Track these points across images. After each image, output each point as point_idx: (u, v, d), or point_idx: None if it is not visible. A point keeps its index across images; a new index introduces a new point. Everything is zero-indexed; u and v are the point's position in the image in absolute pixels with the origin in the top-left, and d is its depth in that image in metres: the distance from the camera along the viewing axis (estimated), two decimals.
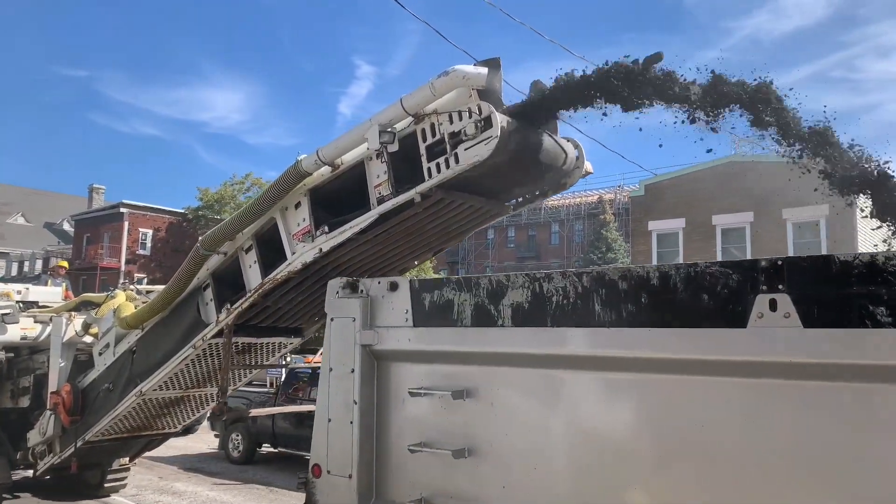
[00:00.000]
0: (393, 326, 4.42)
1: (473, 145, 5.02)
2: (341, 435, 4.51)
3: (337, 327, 4.63)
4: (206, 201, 48.36)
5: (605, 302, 3.57)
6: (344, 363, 4.55)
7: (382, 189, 5.60)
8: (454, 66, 5.05)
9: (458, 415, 4.12)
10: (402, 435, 4.36)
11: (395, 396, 4.43)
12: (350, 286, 4.68)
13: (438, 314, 4.22)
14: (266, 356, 8.33)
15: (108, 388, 8.60)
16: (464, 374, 4.13)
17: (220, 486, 13.17)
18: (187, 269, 7.30)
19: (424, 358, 4.30)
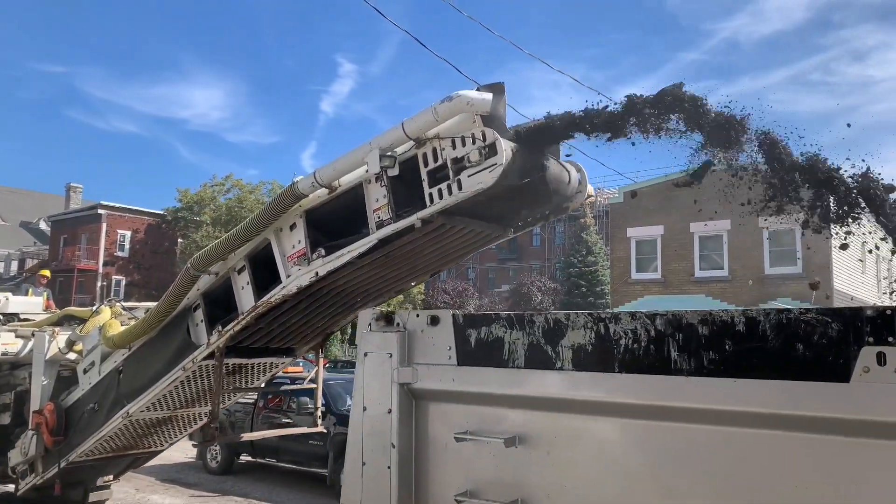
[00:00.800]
0: (434, 364, 4.06)
1: (477, 172, 4.83)
2: (378, 480, 4.13)
3: (372, 363, 4.25)
4: (186, 203, 47.62)
5: (682, 348, 3.24)
6: (380, 402, 4.17)
7: (382, 213, 5.40)
8: (458, 92, 4.84)
9: (509, 463, 3.77)
10: (446, 483, 3.99)
11: (437, 440, 4.06)
12: (384, 318, 4.30)
13: (486, 353, 3.86)
14: (257, 377, 8.06)
15: (94, 409, 8.24)
16: (516, 419, 3.77)
17: (197, 497, 12.94)
18: (177, 289, 7.01)
19: (470, 399, 3.94)
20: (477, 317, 3.95)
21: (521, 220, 6.06)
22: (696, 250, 33.14)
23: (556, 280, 45.18)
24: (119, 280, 48.73)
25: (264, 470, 14.91)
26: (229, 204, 47.10)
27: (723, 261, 32.41)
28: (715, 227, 31.82)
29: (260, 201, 47.64)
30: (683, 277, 33.21)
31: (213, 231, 45.91)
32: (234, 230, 6.57)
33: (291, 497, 13.26)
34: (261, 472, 14.94)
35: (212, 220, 46.41)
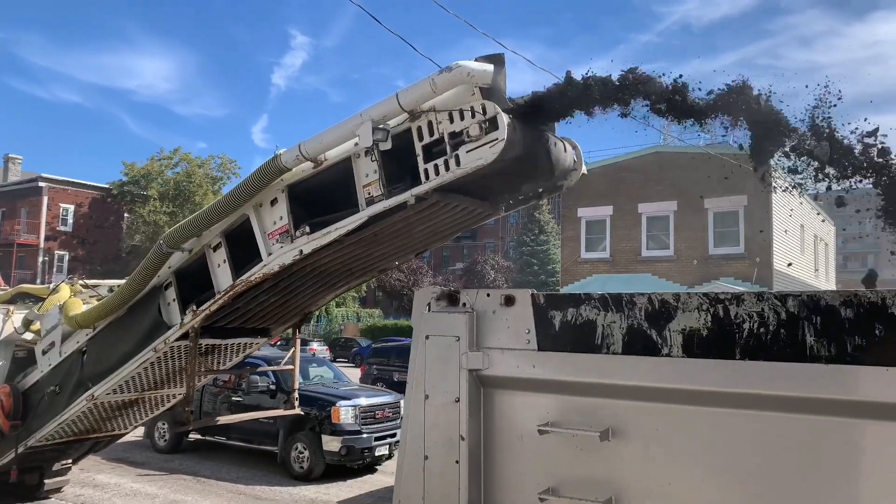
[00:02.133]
0: (509, 349, 3.59)
1: (476, 147, 4.45)
2: (444, 476, 3.66)
3: (435, 347, 3.75)
4: (132, 176, 45.63)
5: (820, 332, 2.85)
6: (446, 390, 3.69)
7: (372, 189, 4.99)
8: (458, 62, 4.46)
9: (600, 458, 3.34)
10: (522, 479, 3.55)
11: (511, 432, 3.61)
12: (447, 298, 3.81)
13: (574, 337, 3.41)
14: (230, 357, 7.58)
15: (55, 391, 7.62)
16: (609, 410, 3.34)
17: (144, 476, 12.33)
18: (147, 267, 6.48)
19: (553, 388, 3.49)
20: (562, 297, 3.49)
21: (514, 198, 5.69)
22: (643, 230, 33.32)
23: (510, 258, 45.10)
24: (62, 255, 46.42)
25: (214, 448, 14.33)
26: (177, 178, 45.26)
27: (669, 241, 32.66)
28: (662, 208, 32.06)
29: (209, 175, 46.03)
30: (631, 257, 33.39)
31: (161, 206, 44.13)
32: (211, 205, 6.06)
33: (242, 474, 12.74)
34: (210, 450, 14.33)
35: (159, 194, 44.55)
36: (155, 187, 44.87)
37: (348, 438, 12.49)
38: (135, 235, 45.43)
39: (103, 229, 47.84)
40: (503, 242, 44.97)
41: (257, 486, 11.91)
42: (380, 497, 11.50)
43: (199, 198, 44.88)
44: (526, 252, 42.67)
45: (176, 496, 11.15)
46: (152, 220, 44.08)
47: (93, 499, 10.71)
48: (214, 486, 11.86)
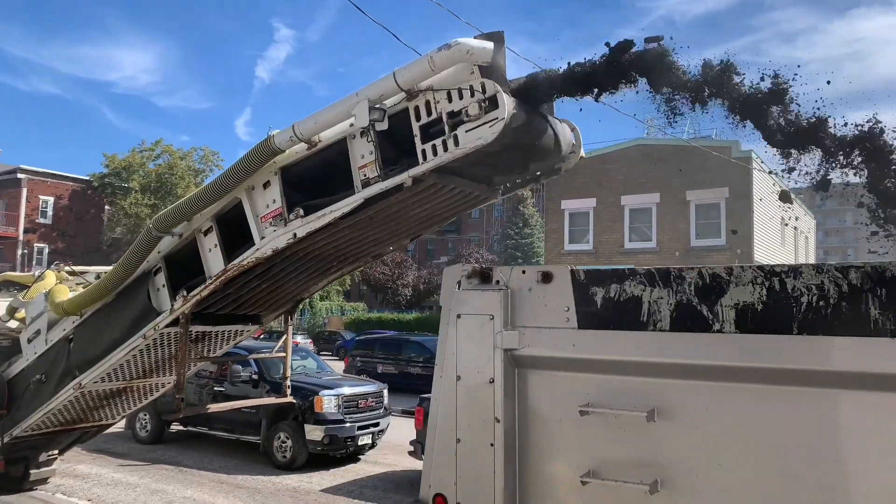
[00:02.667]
0: (546, 328, 3.43)
1: (476, 127, 4.30)
2: (477, 459, 3.49)
3: (467, 326, 3.58)
4: (113, 168, 44.83)
5: (885, 305, 2.72)
6: (479, 371, 3.52)
7: (368, 171, 4.82)
8: (457, 39, 4.31)
9: (645, 438, 3.19)
10: (561, 461, 3.39)
11: (548, 413, 3.45)
12: (479, 275, 3.64)
13: (617, 314, 3.26)
14: (221, 345, 7.35)
15: (41, 380, 7.37)
16: (654, 389, 3.19)
17: (125, 467, 12.12)
18: (136, 252, 6.26)
19: (594, 367, 3.33)
20: (604, 273, 3.33)
21: (511, 181, 5.55)
22: (626, 222, 33.33)
23: (494, 252, 44.86)
24: (41, 248, 45.52)
25: (196, 439, 14.08)
26: (159, 170, 44.49)
27: (651, 233, 32.71)
28: (644, 201, 32.09)
29: (191, 168, 45.34)
30: (614, 249, 33.39)
31: (142, 198, 43.37)
32: (201, 188, 5.86)
33: (224, 464, 12.56)
34: (192, 440, 14.09)
35: (141, 186, 43.79)
36: (136, 179, 44.14)
37: (331, 428, 12.34)
38: (116, 228, 44.72)
39: (84, 222, 46.99)
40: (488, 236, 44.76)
41: (240, 476, 11.77)
42: (363, 485, 11.42)
43: (181, 190, 44.21)
44: (510, 245, 42.54)
45: (157, 486, 11.00)
46: (133, 212, 43.37)
47: (73, 489, 10.51)
48: (196, 475, 11.71)
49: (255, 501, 10.36)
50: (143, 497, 10.40)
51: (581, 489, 3.28)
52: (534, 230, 39.09)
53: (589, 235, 34.46)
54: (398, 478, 12.03)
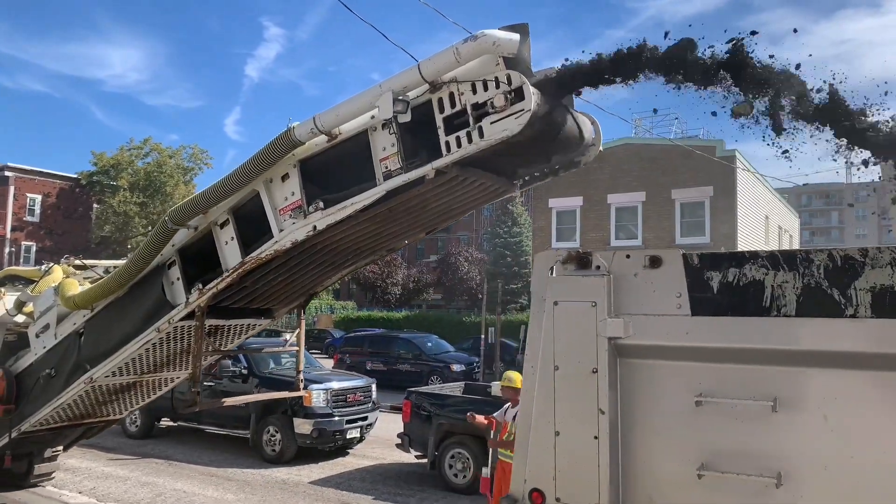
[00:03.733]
0: (655, 315, 3.20)
1: (501, 118, 4.19)
2: (579, 453, 3.26)
3: (565, 314, 3.35)
4: (102, 166, 43.97)
5: None
6: (580, 361, 3.29)
7: (390, 163, 4.70)
8: (483, 31, 4.19)
9: (766, 429, 2.98)
10: (673, 455, 3.17)
11: (657, 404, 3.23)
12: (577, 260, 3.41)
13: (736, 300, 3.05)
14: (233, 339, 7.21)
15: (50, 374, 7.17)
16: (775, 378, 2.98)
17: (116, 461, 11.94)
18: (151, 245, 6.08)
19: (709, 356, 3.11)
20: (722, 256, 3.12)
21: (530, 174, 5.42)
22: (612, 221, 33.32)
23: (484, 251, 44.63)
24: (29, 246, 44.50)
25: (186, 433, 13.93)
26: (148, 168, 43.70)
27: (637, 231, 32.71)
28: (630, 199, 32.11)
29: (180, 166, 44.58)
30: (600, 247, 33.29)
31: (131, 196, 42.54)
32: (218, 181, 5.67)
33: (214, 458, 12.44)
34: (182, 435, 13.92)
35: (129, 184, 42.96)
36: (125, 177, 43.26)
37: (320, 421, 12.26)
38: (104, 226, 43.82)
39: (72, 220, 46.03)
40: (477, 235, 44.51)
41: (229, 469, 11.67)
42: (351, 478, 11.34)
43: (170, 188, 43.49)
44: (499, 244, 42.36)
45: (147, 478, 10.86)
46: (122, 210, 42.54)
47: (63, 482, 10.28)
48: (186, 468, 11.60)
49: (244, 493, 10.27)
50: (134, 489, 10.26)
51: (696, 483, 3.06)
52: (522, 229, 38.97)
53: (576, 233, 34.42)
54: (385, 470, 11.99)
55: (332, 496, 10.20)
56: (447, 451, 10.71)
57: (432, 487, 10.76)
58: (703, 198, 30.57)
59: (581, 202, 33.63)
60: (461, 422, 10.74)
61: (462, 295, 45.42)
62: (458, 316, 39.62)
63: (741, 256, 3.05)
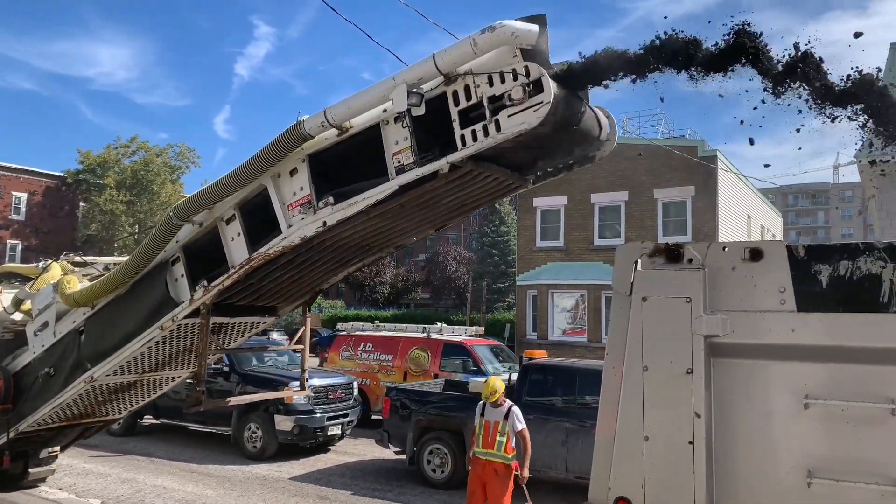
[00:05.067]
0: (756, 311, 2.93)
1: (519, 111, 3.99)
2: (672, 459, 2.97)
3: (655, 310, 3.06)
4: (88, 165, 43.02)
5: None
6: (673, 360, 3.00)
7: (403, 157, 4.50)
8: (501, 22, 3.98)
9: (881, 434, 2.72)
10: (776, 460, 2.89)
11: (756, 407, 2.95)
12: (666, 253, 3.12)
13: (849, 295, 2.78)
14: (236, 337, 6.90)
15: (49, 373, 6.85)
16: (893, 379, 2.72)
17: (97, 458, 11.64)
18: (154, 241, 5.84)
19: (816, 355, 2.84)
20: (832, 248, 2.85)
21: (543, 169, 5.20)
22: (595, 220, 33.26)
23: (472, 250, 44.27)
24: (15, 244, 43.42)
25: (167, 431, 13.63)
26: (135, 167, 42.78)
27: (620, 230, 32.67)
28: (613, 198, 32.09)
29: (167, 164, 43.71)
30: (584, 245, 33.27)
31: (118, 195, 41.63)
32: (225, 176, 5.43)
33: (195, 455, 12.20)
34: (164, 433, 13.61)
35: (116, 183, 42.03)
36: (111, 176, 42.32)
37: (301, 418, 12.09)
38: (90, 224, 42.85)
39: (58, 218, 44.94)
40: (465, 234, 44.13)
41: (210, 466, 11.47)
42: (331, 474, 11.18)
43: (157, 187, 42.64)
44: (487, 243, 42.07)
45: (128, 475, 10.63)
46: (109, 209, 41.63)
47: None
48: (167, 465, 11.39)
49: (224, 489, 10.07)
50: (114, 486, 10.00)
51: (805, 491, 2.79)
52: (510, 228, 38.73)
53: (560, 232, 34.31)
54: (366, 466, 11.88)
55: (311, 492, 10.03)
56: (425, 447, 10.67)
57: (411, 483, 10.71)
58: (685, 197, 30.62)
59: (565, 201, 33.52)
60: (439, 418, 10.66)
61: (450, 294, 45.06)
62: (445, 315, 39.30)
63: (854, 248, 2.79)
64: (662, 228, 32.03)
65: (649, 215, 32.26)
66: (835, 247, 2.84)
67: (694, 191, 30.69)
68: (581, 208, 33.48)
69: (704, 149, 30.67)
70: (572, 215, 33.84)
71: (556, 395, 10.27)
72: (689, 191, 30.63)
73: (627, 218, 32.83)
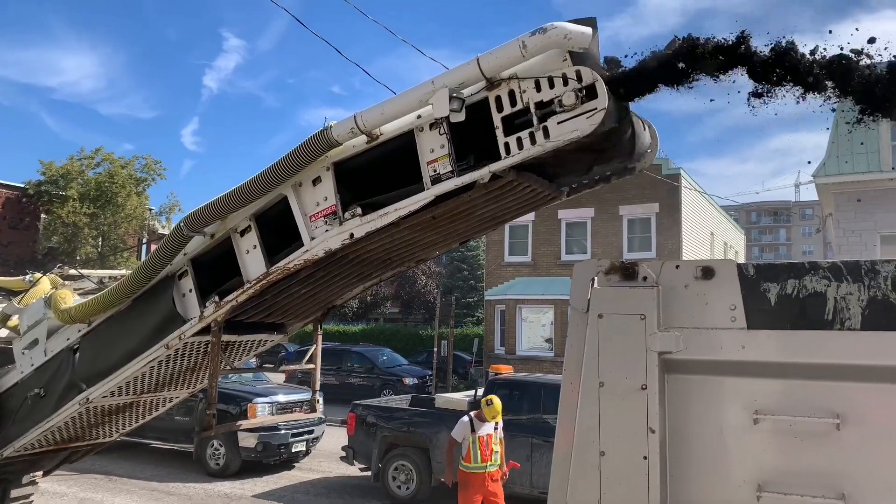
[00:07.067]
0: (708, 328, 3.00)
1: (571, 118, 3.82)
2: (627, 474, 3.01)
3: (611, 327, 3.11)
4: (50, 176, 42.15)
5: None
6: (628, 376, 3.05)
7: (440, 166, 4.28)
8: (553, 23, 3.83)
9: (827, 447, 2.80)
10: (728, 475, 2.95)
11: (707, 422, 3.01)
12: (621, 271, 3.18)
13: (796, 313, 2.86)
14: (242, 355, 6.60)
15: (39, 395, 6.46)
16: (839, 394, 2.80)
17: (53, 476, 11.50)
18: (161, 253, 5.52)
19: (766, 371, 2.91)
20: (780, 267, 2.93)
21: (578, 181, 4.96)
22: (562, 236, 33.58)
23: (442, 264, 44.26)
24: None
25: (127, 448, 13.33)
26: (99, 179, 42.02)
27: (587, 245, 33.02)
28: (580, 215, 32.45)
29: (133, 176, 43.02)
30: (551, 261, 33.56)
31: (81, 207, 40.83)
32: (242, 184, 5.14)
33: (156, 472, 12.22)
34: (124, 450, 13.31)
35: (79, 195, 41.23)
36: (74, 187, 41.49)
37: (265, 434, 12.00)
38: (52, 237, 41.86)
39: (18, 230, 43.86)
40: None
41: (171, 483, 11.43)
42: (295, 490, 11.22)
43: (122, 199, 41.89)
44: (456, 257, 42.16)
45: (85, 494, 10.56)
46: (71, 220, 40.75)
47: None
48: (127, 483, 11.34)
49: None
50: None
51: None
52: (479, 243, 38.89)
53: (528, 248, 34.55)
54: (330, 483, 11.86)
55: None
56: (391, 464, 10.65)
57: (376, 500, 10.72)
58: (650, 214, 31.13)
59: (532, 217, 33.78)
60: (405, 434, 10.65)
61: (420, 308, 44.94)
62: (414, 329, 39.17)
63: (800, 268, 2.87)
64: (627, 245, 32.48)
65: (615, 232, 32.67)
66: (782, 266, 2.92)
67: (658, 208, 31.20)
68: (548, 224, 33.77)
69: (668, 167, 31.18)
70: (540, 231, 34.12)
71: (521, 410, 10.32)
72: (654, 208, 31.14)
73: (593, 234, 33.21)
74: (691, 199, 32.37)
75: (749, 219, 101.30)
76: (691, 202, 32.24)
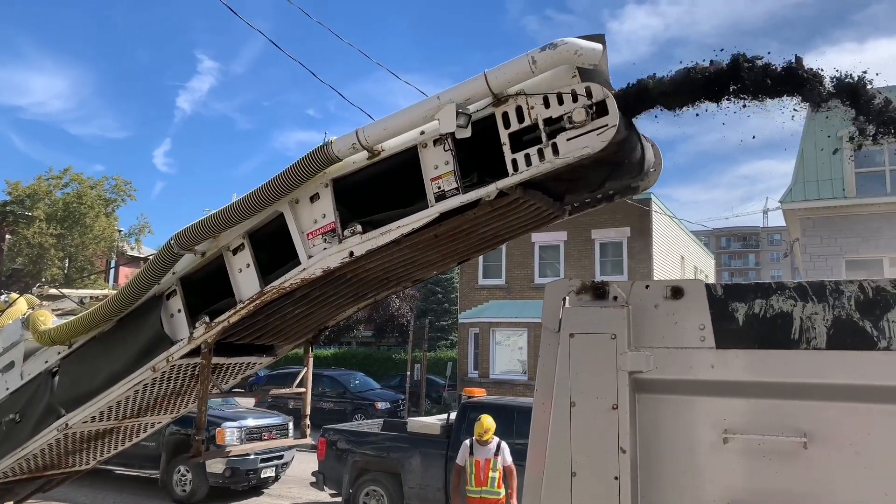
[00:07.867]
0: (678, 348, 3.02)
1: (581, 135, 3.78)
2: (599, 495, 3.00)
3: (582, 347, 3.12)
4: (16, 196, 41.39)
5: None
6: (599, 396, 3.06)
7: (444, 182, 4.20)
8: (563, 39, 3.79)
9: (795, 466, 2.82)
10: (697, 494, 2.96)
11: (679, 442, 3.02)
12: (592, 290, 3.20)
13: (764, 332, 2.90)
14: (230, 378, 6.36)
15: (14, 420, 6.18)
16: (805, 413, 2.83)
17: None
18: (150, 272, 5.31)
19: (735, 391, 2.94)
20: (747, 287, 2.97)
21: (580, 199, 4.86)
22: (536, 258, 33.78)
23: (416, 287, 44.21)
24: None
25: (91, 474, 12.73)
26: (67, 199, 41.41)
27: (559, 269, 33.24)
28: (553, 238, 32.69)
29: (101, 197, 42.46)
30: (524, 284, 33.71)
31: (48, 228, 40.14)
32: (237, 200, 4.95)
33: (120, 499, 12.03)
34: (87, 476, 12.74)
35: (46, 215, 40.56)
36: (41, 208, 40.81)
37: (233, 460, 11.72)
38: (16, 258, 41.08)
39: None
40: None
41: None
42: None
43: (91, 220, 41.27)
44: (431, 281, 42.23)
45: None
46: (37, 241, 40.01)
47: None
48: None
49: None
50: None
51: None
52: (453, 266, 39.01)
53: (502, 271, 34.64)
54: None
55: None
56: (362, 489, 10.50)
57: None
58: (621, 238, 31.49)
59: None
60: (377, 459, 10.53)
61: (393, 332, 44.72)
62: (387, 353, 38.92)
63: (767, 287, 2.92)
64: (600, 268, 32.74)
65: (587, 255, 32.92)
66: (750, 286, 2.96)
67: (630, 232, 31.56)
68: (522, 247, 33.93)
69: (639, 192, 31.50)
70: (513, 254, 34.26)
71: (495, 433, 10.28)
72: (625, 232, 31.49)
73: (566, 257, 33.42)
74: (662, 224, 32.83)
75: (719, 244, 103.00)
76: (662, 227, 32.69)
